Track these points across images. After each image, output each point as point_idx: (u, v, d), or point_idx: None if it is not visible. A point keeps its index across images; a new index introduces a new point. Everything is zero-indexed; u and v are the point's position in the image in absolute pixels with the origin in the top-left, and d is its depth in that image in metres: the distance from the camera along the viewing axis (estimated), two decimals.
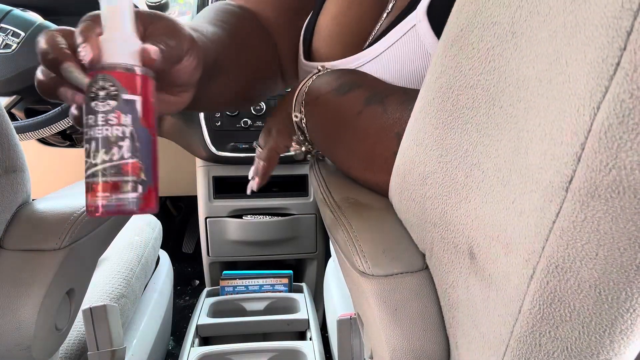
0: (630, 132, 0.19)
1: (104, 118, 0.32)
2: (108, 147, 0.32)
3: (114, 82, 0.33)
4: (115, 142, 0.32)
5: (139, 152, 0.33)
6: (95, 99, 0.32)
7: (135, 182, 0.33)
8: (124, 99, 0.33)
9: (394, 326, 0.34)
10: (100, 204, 0.32)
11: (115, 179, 0.33)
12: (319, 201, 0.49)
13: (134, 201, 0.33)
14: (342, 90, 0.46)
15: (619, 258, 0.21)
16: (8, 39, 0.96)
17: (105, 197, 0.32)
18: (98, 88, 0.32)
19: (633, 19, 0.18)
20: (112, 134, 0.32)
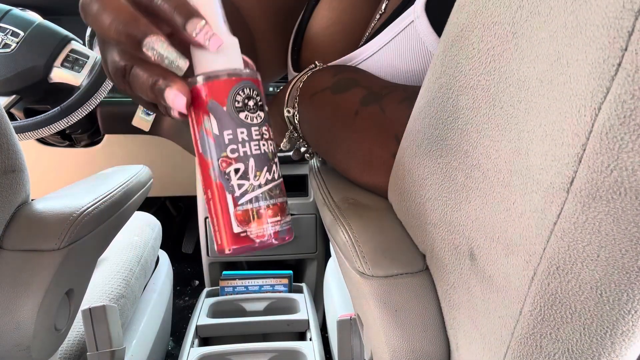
0: (631, 133, 0.18)
1: (258, 132, 0.28)
2: (269, 165, 0.28)
3: (258, 91, 0.28)
4: (272, 158, 0.28)
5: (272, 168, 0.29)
6: (245, 110, 0.27)
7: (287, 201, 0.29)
8: (266, 111, 0.29)
9: (394, 327, 0.34)
10: (273, 231, 0.28)
11: (281, 200, 0.28)
12: (318, 202, 0.49)
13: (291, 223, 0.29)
14: (338, 88, 0.45)
15: (621, 259, 0.21)
16: (7, 38, 0.96)
17: (277, 222, 0.28)
18: (245, 97, 0.27)
19: (634, 19, 0.18)
20: (269, 150, 0.28)
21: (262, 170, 0.27)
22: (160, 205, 1.77)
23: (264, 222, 0.28)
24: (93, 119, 1.16)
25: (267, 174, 0.28)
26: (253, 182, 0.27)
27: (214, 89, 0.27)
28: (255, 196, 0.27)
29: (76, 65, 0.99)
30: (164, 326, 1.00)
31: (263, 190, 0.28)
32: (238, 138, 0.27)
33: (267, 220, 0.28)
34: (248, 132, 0.27)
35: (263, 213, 0.27)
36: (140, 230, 0.96)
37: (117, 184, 0.61)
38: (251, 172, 0.27)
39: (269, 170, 0.28)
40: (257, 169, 0.27)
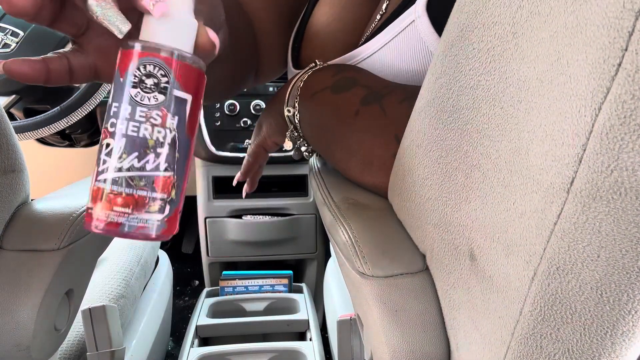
0: (632, 133, 0.18)
1: (145, 114, 0.26)
2: (143, 152, 0.26)
3: (166, 72, 0.26)
4: (153, 147, 0.26)
5: (175, 165, 0.27)
6: (138, 87, 0.26)
7: (165, 201, 0.27)
8: (175, 96, 0.26)
9: (394, 327, 0.34)
10: (116, 220, 0.26)
11: (142, 194, 0.26)
12: (318, 202, 0.49)
13: (158, 225, 0.27)
14: (338, 88, 0.45)
15: (621, 260, 0.21)
16: (7, 38, 0.96)
17: (124, 213, 0.26)
18: (145, 74, 0.26)
19: (635, 19, 0.18)
20: (152, 136, 0.26)
21: (130, 154, 0.26)
22: None
23: (108, 207, 0.26)
24: (93, 119, 1.16)
25: (136, 160, 0.26)
26: (116, 163, 0.26)
27: (122, 57, 0.26)
28: (113, 178, 0.26)
29: None
30: (164, 326, 1.00)
31: (121, 175, 0.26)
32: (120, 113, 0.26)
33: (113, 206, 0.26)
34: (132, 111, 0.26)
35: (112, 199, 0.26)
36: None
37: None
38: (116, 152, 0.26)
39: (140, 157, 0.26)
40: (124, 151, 0.26)
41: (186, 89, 0.27)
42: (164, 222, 0.27)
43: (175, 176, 0.27)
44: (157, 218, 0.27)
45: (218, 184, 1.24)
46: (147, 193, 0.26)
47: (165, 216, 0.27)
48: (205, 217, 1.24)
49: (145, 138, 0.26)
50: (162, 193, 0.27)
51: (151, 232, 0.27)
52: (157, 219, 0.27)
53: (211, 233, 1.25)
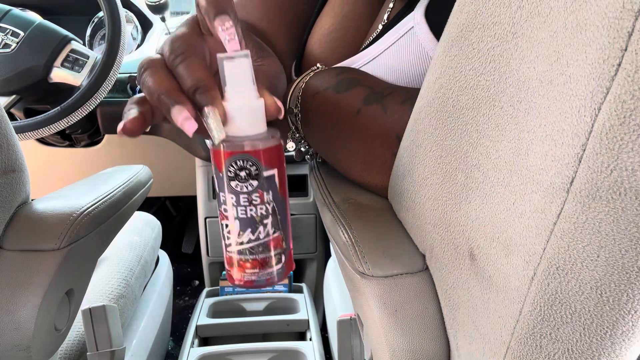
0: (631, 133, 0.18)
1: (247, 199, 0.31)
2: (254, 227, 0.31)
3: (254, 162, 0.30)
4: (260, 221, 0.31)
5: (280, 225, 0.32)
6: (236, 179, 0.30)
7: (280, 254, 0.33)
8: (265, 177, 0.31)
9: (394, 327, 0.34)
10: (248, 279, 0.32)
11: (263, 256, 0.32)
12: (318, 202, 0.49)
13: (280, 272, 0.33)
14: (340, 87, 0.45)
15: (620, 259, 0.21)
16: (7, 38, 0.96)
17: (254, 273, 0.32)
18: (237, 168, 0.30)
19: (634, 19, 0.18)
20: (257, 214, 0.31)
21: (245, 231, 0.31)
22: (160, 205, 1.77)
23: (241, 270, 0.32)
24: (93, 119, 1.16)
25: (251, 234, 0.31)
26: (236, 239, 0.31)
27: (215, 155, 0.31)
28: (238, 250, 0.32)
29: (76, 65, 0.99)
30: (164, 326, 1.00)
31: (243, 248, 0.32)
32: (227, 201, 0.31)
33: (244, 270, 0.32)
34: (236, 199, 0.31)
35: (242, 264, 0.32)
36: (140, 230, 0.96)
37: (117, 184, 0.61)
38: (234, 231, 0.31)
39: (253, 231, 0.31)
40: (240, 230, 0.31)
41: (272, 165, 0.31)
42: (284, 267, 0.33)
43: (282, 233, 0.33)
44: (278, 268, 0.33)
45: None
46: (266, 254, 0.32)
47: (284, 263, 0.33)
48: (205, 217, 1.24)
49: (253, 217, 0.31)
50: (276, 250, 0.33)
51: (277, 279, 0.33)
52: (278, 268, 0.33)
53: (211, 233, 1.25)
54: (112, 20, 0.95)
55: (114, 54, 0.96)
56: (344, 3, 0.55)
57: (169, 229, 1.72)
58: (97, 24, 1.22)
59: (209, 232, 1.25)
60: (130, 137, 0.31)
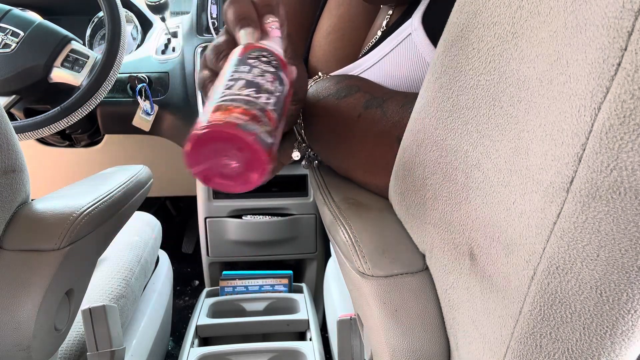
0: (631, 133, 0.18)
1: (261, 71, 0.31)
2: (258, 89, 0.29)
3: (277, 60, 0.32)
4: (265, 90, 0.29)
5: (277, 115, 0.30)
6: (257, 59, 0.31)
7: (270, 132, 0.28)
8: (280, 75, 0.32)
9: (394, 327, 0.34)
10: (232, 121, 0.26)
11: (256, 112, 0.28)
12: (318, 202, 0.49)
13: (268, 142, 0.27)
14: (341, 94, 0.46)
15: (620, 259, 0.21)
16: (7, 38, 0.96)
17: (239, 118, 0.26)
18: (262, 55, 0.32)
19: (634, 19, 0.18)
20: (265, 84, 0.30)
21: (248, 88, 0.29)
22: (160, 205, 1.77)
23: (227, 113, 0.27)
24: (93, 119, 1.16)
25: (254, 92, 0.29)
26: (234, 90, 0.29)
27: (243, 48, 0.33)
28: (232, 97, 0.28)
29: (76, 65, 0.99)
30: (164, 326, 1.00)
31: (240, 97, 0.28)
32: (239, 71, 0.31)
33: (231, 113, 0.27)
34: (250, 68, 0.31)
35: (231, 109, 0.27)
36: (140, 230, 0.96)
37: (117, 184, 0.61)
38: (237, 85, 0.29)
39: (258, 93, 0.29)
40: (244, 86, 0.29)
41: (287, 76, 0.33)
42: (269, 144, 0.27)
43: (278, 123, 0.29)
44: (266, 137, 0.27)
45: None
46: (260, 115, 0.28)
47: (271, 143, 0.28)
48: (205, 217, 1.24)
49: (259, 83, 0.29)
50: (269, 123, 0.28)
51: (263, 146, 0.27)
52: (266, 138, 0.27)
53: (211, 233, 1.25)
54: (112, 20, 0.95)
55: (114, 54, 0.96)
56: (340, 4, 0.57)
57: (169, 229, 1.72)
58: (97, 24, 1.22)
59: (209, 232, 1.25)
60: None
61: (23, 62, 0.96)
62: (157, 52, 1.20)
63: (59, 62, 0.98)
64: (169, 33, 1.23)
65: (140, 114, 1.11)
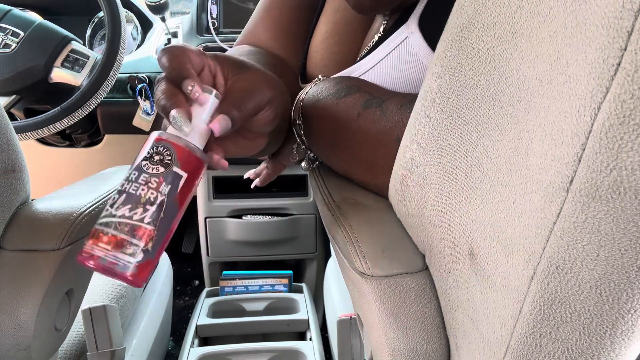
0: (631, 133, 0.18)
1: (146, 179, 0.33)
2: (134, 205, 0.32)
3: (172, 153, 0.33)
4: (144, 203, 0.32)
5: (159, 223, 0.32)
6: (148, 160, 0.33)
7: (140, 249, 0.32)
8: (173, 171, 0.33)
9: (394, 327, 0.34)
10: (95, 254, 0.31)
11: (122, 237, 0.31)
12: (318, 202, 0.49)
13: (128, 265, 0.32)
14: (340, 93, 0.46)
15: (620, 259, 0.21)
16: (7, 38, 0.96)
17: (103, 249, 0.31)
18: (154, 152, 0.33)
19: (634, 19, 0.18)
20: (145, 196, 0.32)
21: (125, 205, 0.32)
22: None
23: (94, 242, 0.32)
24: (93, 119, 1.16)
25: (127, 210, 0.32)
26: (112, 211, 0.32)
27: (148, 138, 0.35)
28: (106, 222, 0.32)
29: (76, 66, 0.99)
30: (164, 326, 1.00)
31: (113, 220, 0.32)
32: (130, 177, 0.33)
33: (97, 242, 0.32)
34: (137, 175, 0.33)
35: (100, 236, 0.32)
36: None
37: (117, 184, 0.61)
38: (117, 203, 0.32)
39: (131, 209, 0.32)
40: (121, 204, 0.32)
41: (184, 168, 0.33)
42: (135, 267, 0.32)
43: (156, 232, 0.32)
44: (128, 260, 0.31)
45: (218, 184, 1.24)
46: (127, 237, 0.31)
47: (137, 262, 0.32)
48: (205, 217, 1.24)
49: (139, 196, 0.32)
50: (139, 241, 0.32)
51: (121, 271, 0.31)
52: (128, 260, 0.31)
53: (211, 233, 1.25)
54: (112, 21, 0.95)
55: (114, 54, 0.96)
56: (336, 10, 0.58)
57: None
58: (97, 24, 1.22)
59: (209, 232, 1.25)
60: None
61: (23, 62, 0.96)
62: (157, 52, 1.21)
63: (59, 62, 0.98)
64: (169, 33, 1.23)
65: (141, 114, 1.11)
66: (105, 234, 0.32)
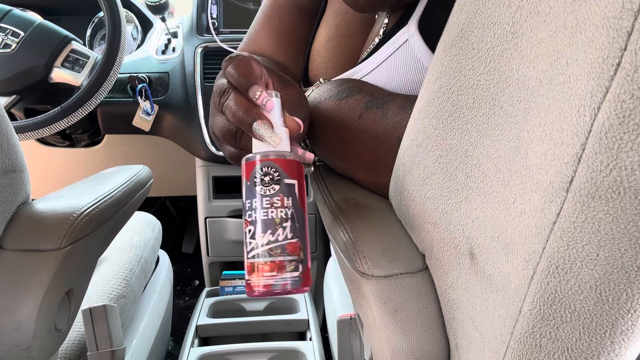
0: (630, 133, 0.18)
1: (269, 202, 0.34)
2: (274, 229, 0.34)
3: (277, 168, 0.35)
4: (280, 223, 0.34)
5: (299, 232, 0.34)
6: (261, 184, 0.35)
7: (297, 261, 0.34)
8: (286, 183, 0.35)
9: (394, 327, 0.34)
10: (266, 283, 0.33)
11: (281, 259, 0.33)
12: (318, 202, 0.49)
13: (297, 280, 0.34)
14: (342, 95, 0.47)
15: (620, 259, 0.21)
16: (8, 38, 0.96)
17: (272, 276, 0.33)
18: (262, 174, 0.35)
19: (634, 19, 0.18)
20: (277, 216, 0.34)
21: (265, 232, 0.34)
22: (160, 205, 1.77)
23: (260, 275, 0.34)
24: (93, 119, 1.16)
25: (270, 236, 0.34)
26: (258, 241, 0.34)
27: (246, 166, 0.36)
28: (258, 253, 0.34)
29: (76, 66, 0.99)
30: (164, 326, 1.00)
31: (263, 250, 0.34)
32: (252, 207, 0.34)
33: (262, 273, 0.33)
34: (260, 202, 0.34)
35: (261, 268, 0.34)
36: (141, 230, 0.96)
37: (117, 184, 0.61)
38: (257, 233, 0.34)
39: (273, 233, 0.34)
40: (262, 232, 0.34)
41: (292, 176, 0.35)
42: (301, 278, 0.34)
43: (300, 241, 0.34)
44: (294, 275, 0.34)
45: (218, 184, 1.24)
46: (284, 257, 0.34)
47: (301, 273, 0.34)
48: (205, 217, 1.24)
49: (273, 218, 0.34)
50: (293, 255, 0.34)
51: (291, 286, 0.34)
52: (294, 276, 0.34)
53: (211, 233, 1.25)
54: (113, 21, 0.95)
55: (114, 54, 0.96)
56: (337, 13, 0.59)
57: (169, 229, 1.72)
58: (97, 24, 1.22)
59: (209, 232, 1.25)
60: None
61: (23, 62, 0.96)
62: (157, 52, 1.21)
63: (59, 62, 0.98)
64: (169, 33, 1.23)
65: (141, 114, 1.11)
66: (265, 264, 0.33)
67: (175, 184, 1.38)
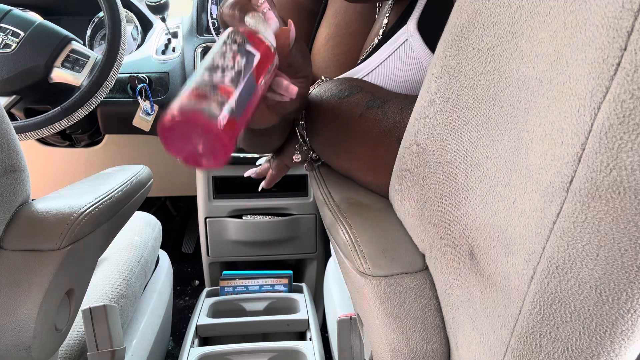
0: (630, 133, 0.18)
1: (222, 53, 0.35)
2: (213, 70, 0.33)
3: (243, 38, 0.36)
4: (222, 69, 0.34)
5: (238, 86, 0.33)
6: (228, 40, 0.36)
7: (222, 103, 0.32)
8: (247, 49, 0.36)
9: (394, 327, 0.34)
10: (180, 105, 0.31)
11: (205, 91, 0.32)
12: (318, 201, 0.49)
13: (213, 114, 0.31)
14: (343, 93, 0.47)
15: (620, 259, 0.21)
16: (8, 38, 0.96)
17: (187, 104, 0.31)
18: (233, 39, 0.36)
19: (634, 19, 0.18)
20: (223, 64, 0.34)
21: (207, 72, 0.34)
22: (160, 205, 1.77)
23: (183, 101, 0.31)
24: (93, 119, 1.16)
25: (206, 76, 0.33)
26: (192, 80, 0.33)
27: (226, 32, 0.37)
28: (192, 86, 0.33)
29: (76, 66, 0.99)
30: (164, 326, 1.00)
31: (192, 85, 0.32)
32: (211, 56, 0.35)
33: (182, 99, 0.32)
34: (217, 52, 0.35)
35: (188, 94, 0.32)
36: (141, 230, 0.96)
37: (117, 184, 0.61)
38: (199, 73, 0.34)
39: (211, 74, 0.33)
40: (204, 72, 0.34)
41: (256, 48, 0.36)
42: (218, 119, 0.31)
43: (238, 93, 0.33)
44: (213, 109, 0.31)
45: (218, 184, 1.24)
46: (210, 91, 0.32)
47: (221, 115, 0.31)
48: (205, 217, 1.24)
49: (217, 65, 0.34)
50: (222, 96, 0.32)
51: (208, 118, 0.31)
52: (214, 110, 0.31)
53: (211, 233, 1.25)
54: (113, 21, 0.95)
55: (114, 54, 0.96)
56: (337, 12, 0.59)
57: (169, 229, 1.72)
58: (97, 24, 1.22)
59: (209, 232, 1.25)
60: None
61: (23, 62, 0.96)
62: (157, 52, 1.21)
63: (59, 62, 0.98)
64: (169, 33, 1.23)
65: (141, 114, 1.11)
66: (192, 92, 0.32)
67: (175, 184, 1.38)
